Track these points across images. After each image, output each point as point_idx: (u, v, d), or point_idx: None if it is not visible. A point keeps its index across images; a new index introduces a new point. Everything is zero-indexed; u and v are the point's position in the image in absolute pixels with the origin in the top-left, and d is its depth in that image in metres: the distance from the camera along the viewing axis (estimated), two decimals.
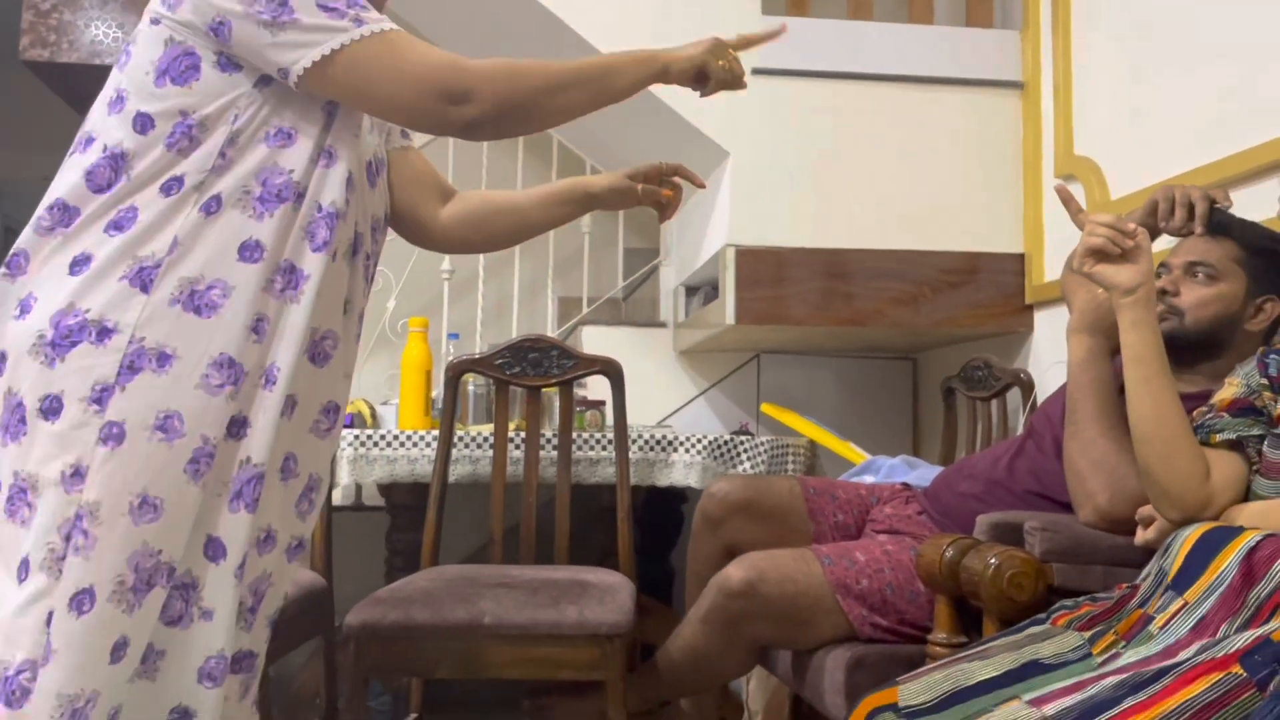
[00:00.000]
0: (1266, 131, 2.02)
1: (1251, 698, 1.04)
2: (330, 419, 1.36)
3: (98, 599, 1.16)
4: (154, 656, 1.22)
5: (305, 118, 1.29)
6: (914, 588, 1.77)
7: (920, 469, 2.44)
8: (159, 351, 1.21)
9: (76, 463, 1.18)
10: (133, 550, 1.18)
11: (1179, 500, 1.37)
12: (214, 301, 1.23)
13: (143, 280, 1.22)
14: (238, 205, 1.26)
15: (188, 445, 1.21)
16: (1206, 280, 1.63)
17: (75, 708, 1.15)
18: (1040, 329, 2.85)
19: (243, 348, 1.24)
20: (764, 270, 2.81)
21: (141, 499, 1.19)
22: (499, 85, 1.29)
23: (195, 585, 1.23)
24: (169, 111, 1.25)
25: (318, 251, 1.29)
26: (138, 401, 1.20)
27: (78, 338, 1.20)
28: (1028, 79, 2.88)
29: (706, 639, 1.86)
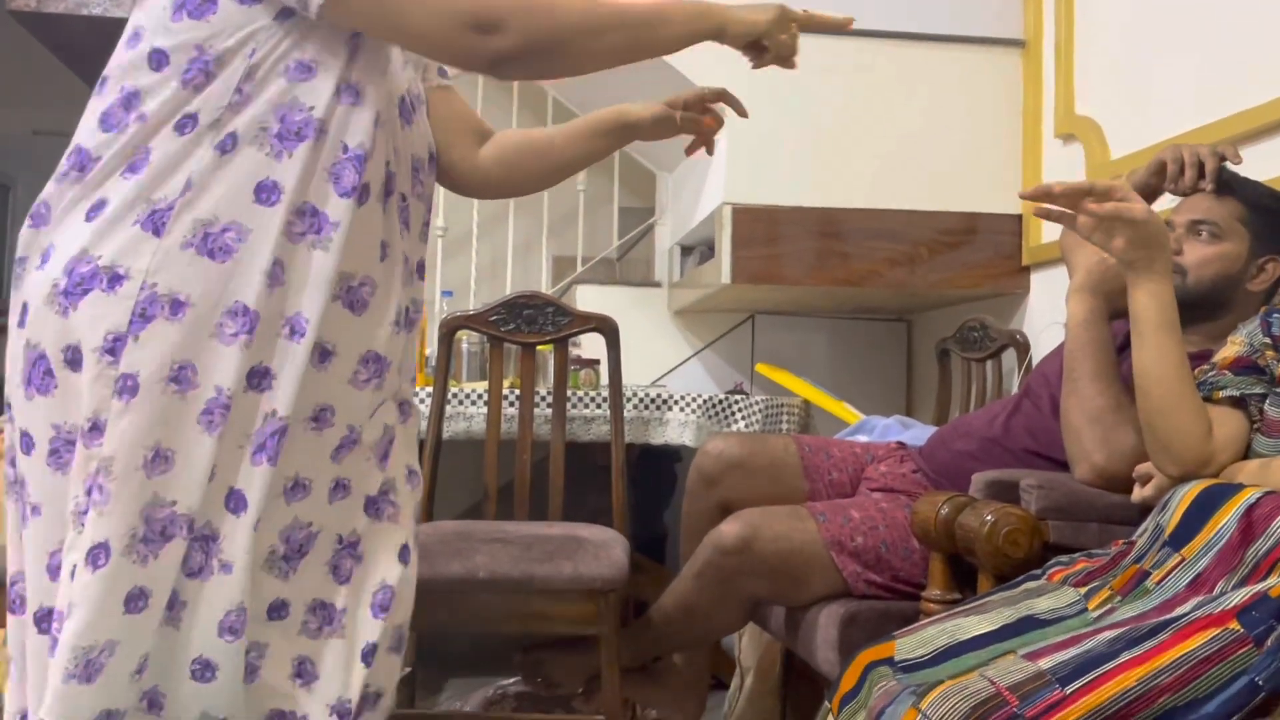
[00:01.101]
0: (1269, 91, 2.00)
1: (1248, 653, 1.05)
2: (370, 369, 1.29)
3: (113, 553, 1.15)
4: (178, 606, 1.20)
5: (327, 51, 1.23)
6: (908, 545, 1.77)
7: (914, 429, 2.44)
8: (172, 298, 1.17)
9: (95, 416, 1.16)
10: (144, 502, 1.16)
11: (1180, 456, 1.37)
12: (228, 245, 1.18)
13: (155, 223, 1.18)
14: (254, 142, 1.20)
15: (201, 396, 1.18)
16: (1210, 239, 1.62)
17: (90, 658, 1.14)
18: (1036, 290, 2.84)
19: (259, 294, 1.19)
20: (760, 229, 2.80)
21: (155, 452, 1.16)
22: (534, 18, 1.22)
23: (215, 537, 1.21)
24: (184, 46, 1.19)
25: (345, 196, 1.23)
26: (151, 352, 1.16)
27: (89, 285, 1.17)
28: (1029, 37, 2.85)
29: (700, 595, 1.86)
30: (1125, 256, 1.38)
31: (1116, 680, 1.04)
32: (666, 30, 1.31)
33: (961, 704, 1.05)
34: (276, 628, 1.26)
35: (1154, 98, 2.35)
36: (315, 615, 1.28)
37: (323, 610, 1.29)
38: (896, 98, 2.87)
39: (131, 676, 1.18)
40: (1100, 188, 1.37)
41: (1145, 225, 1.36)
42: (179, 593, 1.20)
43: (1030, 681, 1.06)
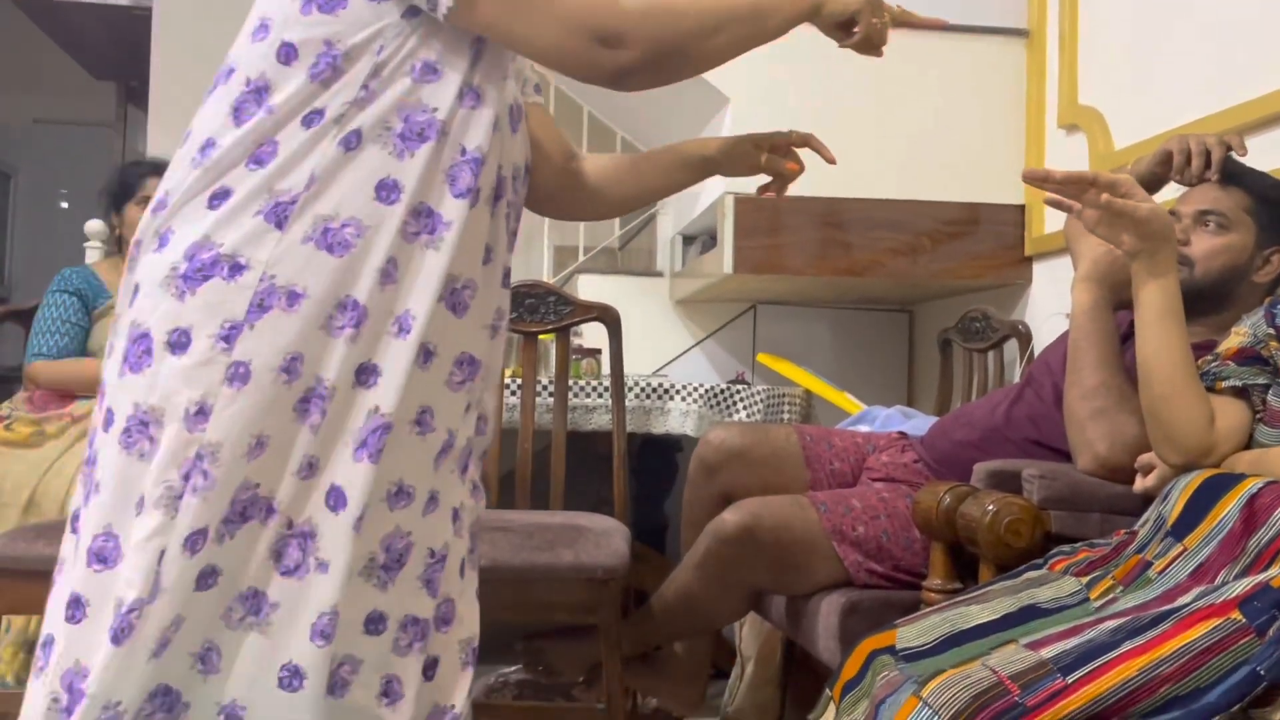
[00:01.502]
0: (1272, 81, 2.00)
1: (1250, 643, 1.05)
2: (465, 372, 1.28)
3: (209, 540, 1.15)
4: (268, 608, 1.18)
5: (452, 52, 1.23)
6: (909, 534, 1.77)
7: (916, 419, 2.44)
8: (289, 290, 1.17)
9: (201, 401, 1.16)
10: (237, 486, 1.17)
11: (1182, 445, 1.36)
12: (346, 240, 1.19)
13: (278, 216, 1.18)
14: (378, 141, 1.20)
15: (302, 386, 1.18)
16: (1218, 230, 1.62)
17: (167, 637, 1.15)
18: (1039, 281, 2.84)
19: (371, 291, 1.20)
20: (762, 219, 2.79)
21: (258, 440, 1.17)
22: (655, 29, 1.21)
23: (314, 535, 1.19)
24: (313, 40, 1.20)
25: (460, 198, 1.23)
26: (265, 342, 1.17)
27: (210, 272, 1.17)
28: (1033, 27, 2.84)
29: (701, 584, 1.86)
30: (1130, 249, 1.38)
31: (1118, 670, 1.04)
32: (773, 18, 1.31)
33: (963, 693, 1.05)
34: (372, 642, 1.23)
35: (1157, 88, 2.34)
36: (406, 631, 1.26)
37: (414, 626, 1.27)
38: (899, 88, 2.86)
39: (193, 657, 1.17)
40: (1104, 181, 1.37)
41: (1150, 223, 1.36)
42: (267, 593, 1.18)
43: (1032, 670, 1.06)
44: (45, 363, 2.72)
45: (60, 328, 2.74)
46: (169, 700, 1.17)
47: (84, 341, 2.78)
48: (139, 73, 4.54)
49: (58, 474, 2.55)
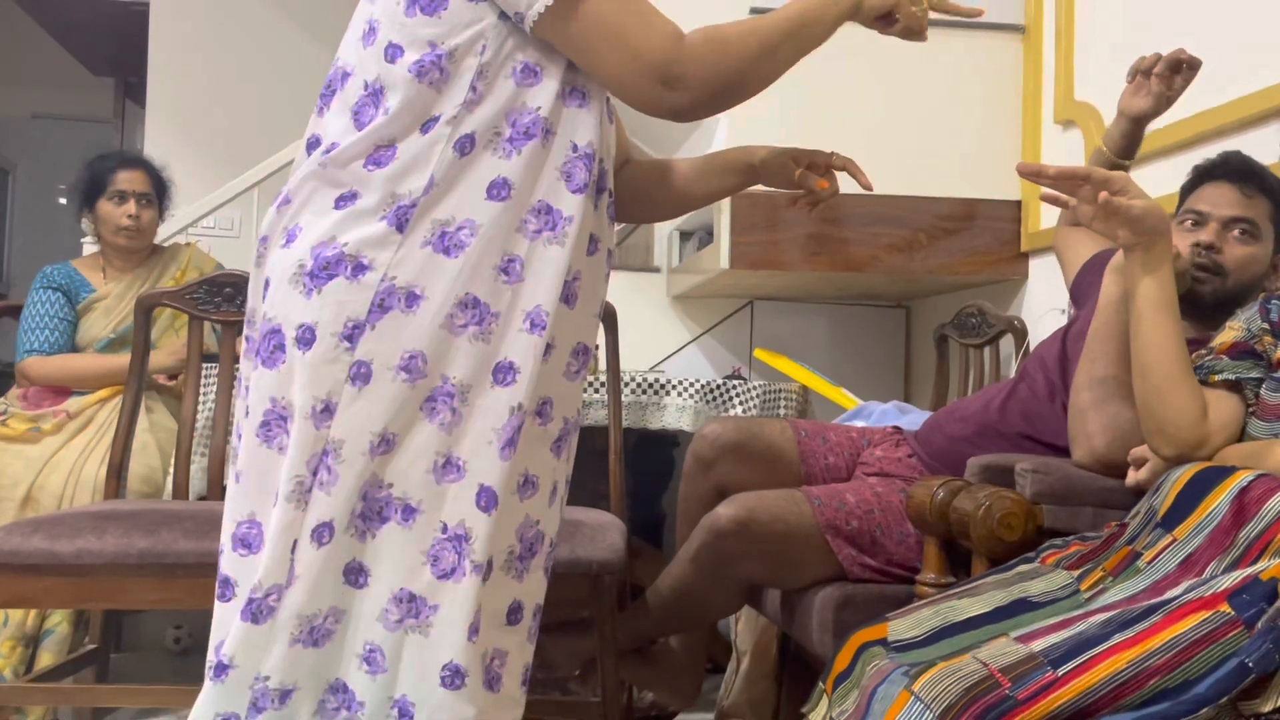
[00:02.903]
0: (1267, 77, 2.00)
1: (1239, 636, 1.05)
2: (579, 360, 1.32)
3: (336, 531, 1.18)
4: (427, 611, 1.20)
5: (552, 52, 1.26)
6: (903, 529, 1.78)
7: (911, 414, 2.45)
8: (409, 291, 1.21)
9: (326, 398, 1.19)
10: (364, 482, 1.19)
11: (1174, 437, 1.37)
12: (463, 241, 1.22)
13: (399, 219, 1.21)
14: (489, 147, 1.24)
15: (428, 385, 1.20)
16: (1247, 239, 1.61)
17: (314, 624, 1.19)
18: (1035, 276, 2.84)
19: (490, 288, 1.22)
20: (759, 215, 2.79)
21: (381, 437, 1.19)
22: (712, 68, 1.24)
23: (467, 538, 1.21)
24: (418, 41, 1.23)
25: (577, 193, 1.26)
26: (386, 342, 1.20)
27: (334, 270, 1.21)
28: (1029, 22, 2.84)
29: (696, 578, 1.87)
30: (1125, 244, 1.39)
31: (1108, 662, 1.05)
32: (820, 25, 1.32)
33: (954, 686, 1.05)
34: (513, 633, 1.26)
35: None
36: (535, 620, 1.30)
37: (540, 615, 1.30)
38: (896, 84, 2.86)
39: (359, 658, 1.20)
40: (1098, 178, 1.37)
41: (1144, 219, 1.37)
42: (426, 597, 1.20)
43: (1023, 663, 1.07)
44: (38, 358, 2.73)
45: (49, 323, 2.75)
46: (347, 698, 1.20)
47: (73, 336, 2.78)
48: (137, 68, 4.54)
49: (55, 469, 2.56)
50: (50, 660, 2.40)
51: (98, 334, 2.78)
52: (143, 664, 3.08)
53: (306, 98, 4.79)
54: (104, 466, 2.35)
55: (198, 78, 4.33)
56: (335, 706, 1.20)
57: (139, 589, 1.80)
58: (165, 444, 2.66)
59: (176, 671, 2.98)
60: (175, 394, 2.77)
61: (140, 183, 2.84)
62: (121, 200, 2.81)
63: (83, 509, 1.96)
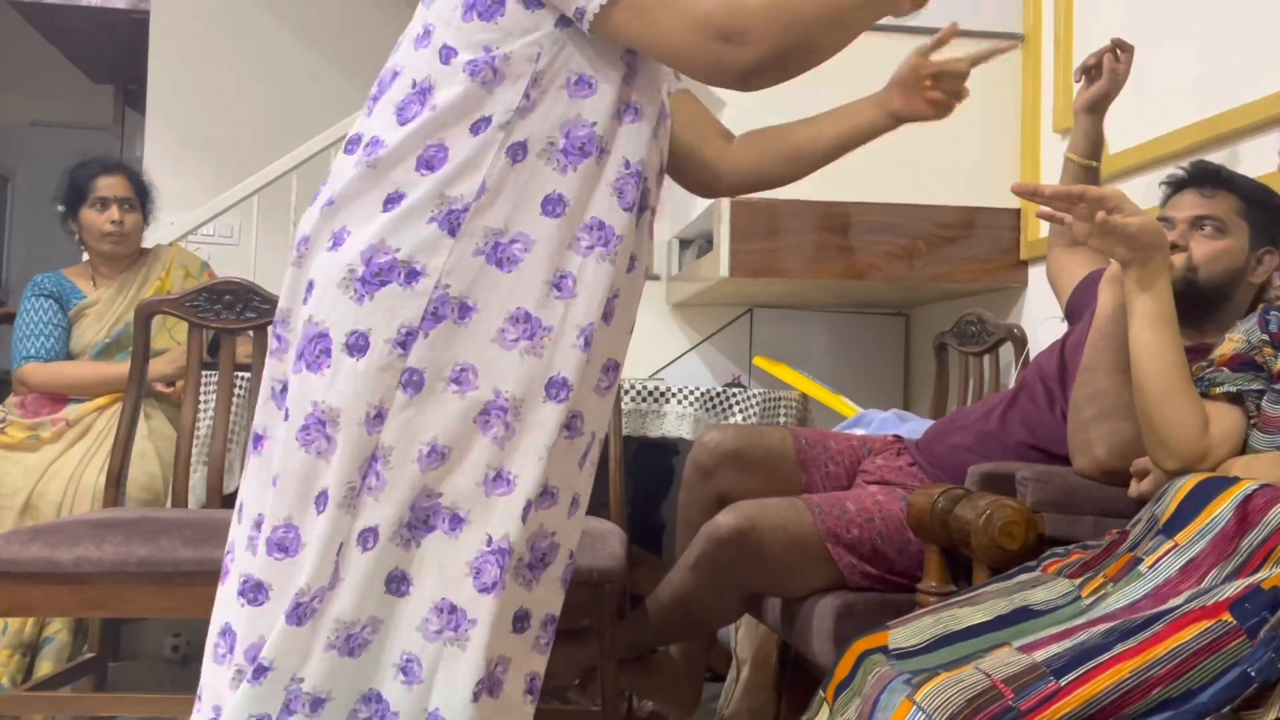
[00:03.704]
0: (1265, 86, 2.00)
1: (1241, 645, 1.05)
2: (610, 377, 1.31)
3: (380, 538, 1.18)
4: (466, 624, 1.19)
5: (606, 65, 1.25)
6: (904, 537, 1.77)
7: (911, 422, 2.45)
8: (461, 302, 1.20)
9: (379, 404, 1.18)
10: (415, 492, 1.19)
11: (1176, 450, 1.37)
12: (515, 256, 1.21)
13: (450, 224, 1.20)
14: (543, 156, 1.22)
15: (479, 398, 1.20)
16: (1215, 234, 1.64)
17: (351, 633, 1.18)
18: (1034, 285, 2.84)
19: (542, 303, 1.21)
20: (759, 223, 2.79)
21: (431, 447, 1.19)
22: (777, 22, 1.19)
23: (510, 551, 1.20)
24: (473, 44, 1.22)
25: (628, 211, 1.25)
26: (438, 351, 1.19)
27: (388, 277, 1.20)
28: (1029, 31, 2.85)
29: (696, 586, 1.86)
30: (1123, 260, 1.41)
31: (1111, 672, 1.05)
32: (876, 8, 1.29)
33: (957, 696, 1.05)
34: (517, 641, 1.25)
35: (1151, 93, 2.35)
36: (545, 630, 1.29)
37: (551, 625, 1.29)
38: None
39: (395, 668, 1.19)
40: (1092, 196, 1.39)
41: (1140, 235, 1.39)
42: (467, 610, 1.19)
43: (1025, 674, 1.07)
44: (36, 365, 2.72)
45: (45, 330, 2.75)
46: (381, 708, 1.19)
47: (68, 343, 2.78)
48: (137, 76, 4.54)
49: (54, 477, 2.55)
50: (49, 668, 2.40)
51: (91, 339, 2.77)
52: (141, 672, 3.07)
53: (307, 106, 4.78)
54: (103, 474, 2.34)
55: (198, 85, 4.33)
56: (366, 717, 1.19)
57: (138, 597, 1.80)
58: (164, 451, 2.65)
59: (175, 680, 2.97)
60: (174, 401, 2.76)
61: (121, 188, 2.84)
62: (103, 207, 2.81)
63: (82, 517, 1.96)
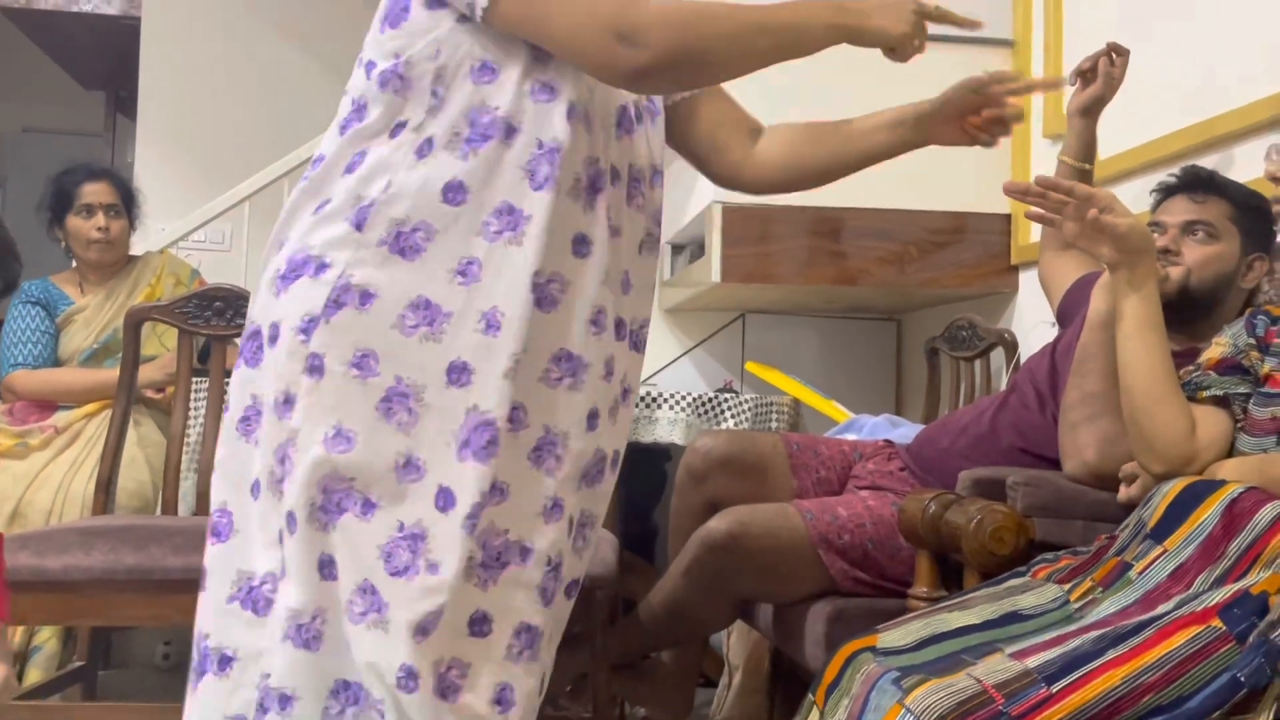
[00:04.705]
0: (1255, 92, 2.01)
1: (1230, 651, 1.06)
2: (563, 368, 1.27)
3: (298, 521, 1.19)
4: (385, 608, 1.18)
5: (509, 45, 1.24)
6: (895, 542, 1.77)
7: (903, 427, 2.45)
8: (363, 289, 1.22)
9: (287, 390, 1.22)
10: (324, 474, 1.20)
11: (1163, 454, 1.37)
12: (418, 244, 1.23)
13: (359, 220, 1.23)
14: (448, 147, 1.24)
15: (381, 384, 1.21)
16: (1207, 239, 1.64)
17: (300, 623, 1.19)
18: (1025, 289, 2.85)
19: (444, 290, 1.22)
20: (751, 228, 2.79)
21: (336, 430, 1.20)
22: (676, 29, 1.19)
23: (424, 536, 1.19)
24: (386, 53, 1.26)
25: (540, 190, 1.24)
26: (338, 336, 1.21)
27: (300, 271, 1.24)
28: (1018, 36, 2.85)
29: (688, 592, 1.86)
30: (1110, 262, 1.41)
31: (1102, 679, 1.05)
32: (808, 35, 1.27)
33: (946, 699, 1.05)
34: (477, 645, 1.23)
35: (1141, 98, 2.35)
36: (520, 639, 1.26)
37: (527, 635, 1.26)
38: (886, 97, 2.86)
39: (348, 647, 1.19)
40: (1081, 193, 1.39)
41: (1129, 237, 1.39)
42: (382, 593, 1.18)
43: (1016, 680, 1.07)
44: (24, 373, 2.71)
45: (33, 337, 2.74)
46: (350, 693, 1.20)
47: (56, 350, 2.77)
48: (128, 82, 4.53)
49: (43, 484, 2.54)
50: (38, 677, 2.39)
51: (79, 345, 2.77)
52: (131, 681, 3.07)
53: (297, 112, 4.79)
54: (92, 481, 2.33)
55: (189, 92, 4.32)
56: (339, 710, 1.19)
57: (128, 605, 1.79)
58: (154, 458, 2.64)
59: (166, 688, 2.96)
60: (163, 408, 2.76)
61: (106, 194, 2.83)
62: (89, 214, 2.80)
63: (71, 525, 1.95)
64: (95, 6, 4.59)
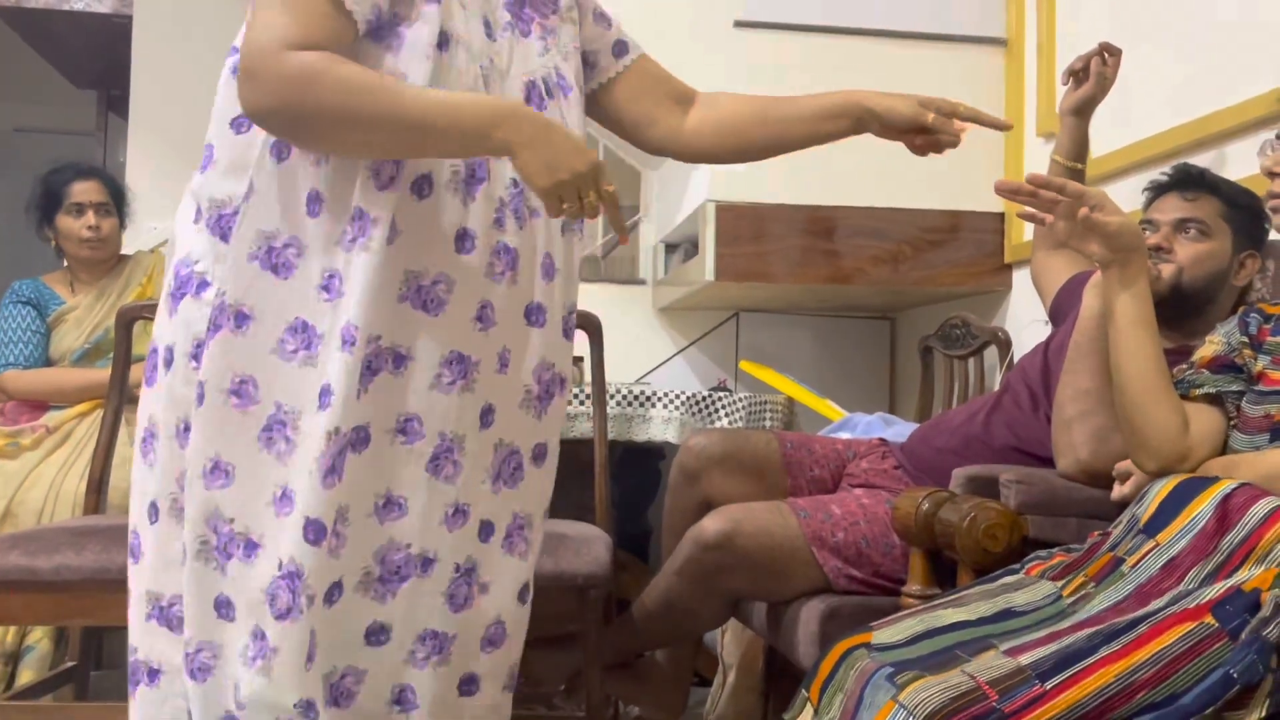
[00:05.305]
0: (1247, 89, 2.01)
1: (1223, 647, 1.06)
2: (454, 371, 1.22)
3: (188, 554, 1.18)
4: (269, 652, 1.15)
5: (358, 44, 1.17)
6: (889, 540, 1.77)
7: (896, 426, 2.45)
8: (237, 309, 1.16)
9: (184, 418, 1.19)
10: (207, 513, 1.17)
11: (1157, 451, 1.38)
12: (289, 261, 1.17)
13: (221, 228, 1.19)
14: (304, 154, 1.17)
15: (262, 412, 1.16)
16: (1199, 236, 1.65)
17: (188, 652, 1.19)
18: (1018, 288, 2.85)
19: (314, 309, 1.16)
20: (745, 226, 2.79)
21: (214, 463, 1.16)
22: (284, 84, 1.10)
23: (300, 574, 1.15)
24: None
25: (385, 190, 1.17)
26: (217, 362, 1.16)
27: (185, 289, 1.21)
28: (1011, 36, 2.85)
29: (682, 591, 1.86)
30: (1102, 259, 1.41)
31: (1095, 676, 1.05)
32: (445, 136, 1.15)
33: (940, 695, 1.05)
34: (375, 654, 1.24)
35: (1134, 96, 2.36)
36: (424, 646, 1.26)
37: (433, 641, 1.26)
38: None
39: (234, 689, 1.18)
40: (1072, 191, 1.39)
41: (1120, 235, 1.39)
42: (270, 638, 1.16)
43: (1010, 677, 1.07)
44: (16, 373, 2.70)
45: (24, 337, 2.73)
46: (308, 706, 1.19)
47: (47, 350, 2.76)
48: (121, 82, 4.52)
49: (34, 484, 2.53)
50: (30, 677, 2.38)
51: (71, 345, 2.76)
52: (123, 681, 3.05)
53: None
54: (84, 481, 2.32)
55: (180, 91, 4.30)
56: None
57: (119, 605, 1.75)
58: None
59: None
60: None
61: (96, 193, 2.82)
62: (79, 213, 2.79)
63: (62, 524, 1.95)
64: (87, 5, 4.58)
